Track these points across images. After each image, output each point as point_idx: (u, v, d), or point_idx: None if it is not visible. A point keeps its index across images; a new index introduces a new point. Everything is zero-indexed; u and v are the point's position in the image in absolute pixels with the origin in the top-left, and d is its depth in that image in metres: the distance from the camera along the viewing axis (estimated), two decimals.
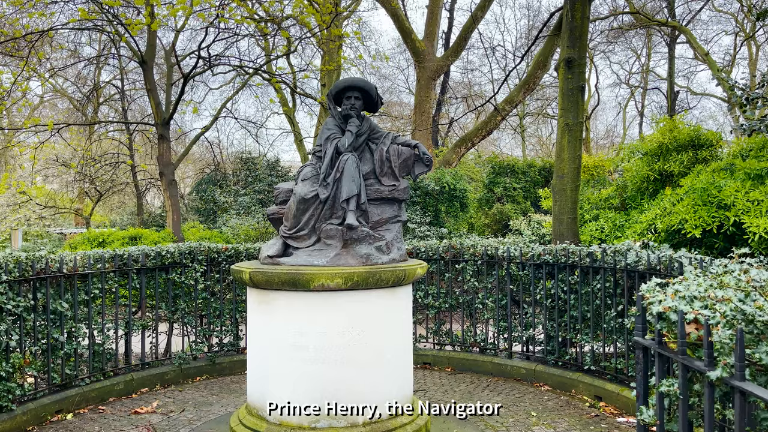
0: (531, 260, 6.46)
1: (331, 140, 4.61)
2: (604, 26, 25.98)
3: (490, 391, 5.99)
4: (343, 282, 4.05)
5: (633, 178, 7.93)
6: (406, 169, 4.85)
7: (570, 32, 6.89)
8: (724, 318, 1.88)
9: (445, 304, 7.01)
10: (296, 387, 4.09)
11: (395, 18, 15.03)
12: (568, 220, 7.00)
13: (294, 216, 4.46)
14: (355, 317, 4.15)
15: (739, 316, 1.88)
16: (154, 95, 13.65)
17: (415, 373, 6.62)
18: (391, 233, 4.70)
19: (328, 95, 4.86)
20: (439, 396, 5.78)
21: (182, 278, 6.51)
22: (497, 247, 6.82)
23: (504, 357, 6.68)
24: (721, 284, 2.18)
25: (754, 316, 1.86)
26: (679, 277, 2.58)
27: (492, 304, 6.78)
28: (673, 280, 2.33)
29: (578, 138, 6.97)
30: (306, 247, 4.45)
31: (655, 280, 2.42)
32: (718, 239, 5.74)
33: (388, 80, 28.53)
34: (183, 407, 5.49)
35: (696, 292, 2.16)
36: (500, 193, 15.56)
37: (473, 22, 15.06)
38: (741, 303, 1.88)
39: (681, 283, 2.26)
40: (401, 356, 4.45)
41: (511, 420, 5.09)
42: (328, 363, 4.08)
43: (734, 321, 1.88)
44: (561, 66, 6.98)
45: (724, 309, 1.87)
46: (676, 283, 2.28)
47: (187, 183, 30.24)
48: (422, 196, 12.62)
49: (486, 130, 15.43)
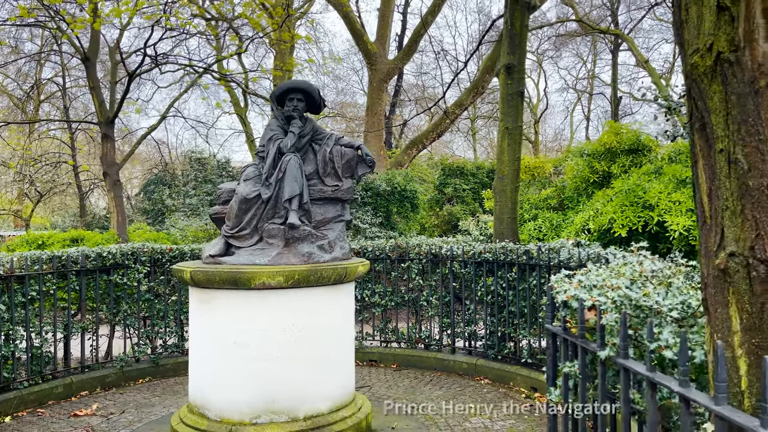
0: (472, 258, 6.70)
1: (274, 141, 4.69)
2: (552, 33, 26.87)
3: (432, 385, 6.18)
4: (284, 280, 4.14)
5: (572, 180, 8.30)
6: (349, 170, 4.98)
7: (510, 39, 7.17)
8: (613, 303, 2.08)
9: (391, 302, 7.17)
10: (237, 384, 4.15)
11: (347, 20, 15.15)
12: (508, 219, 7.28)
13: (236, 215, 4.52)
14: (297, 315, 4.24)
15: (626, 301, 2.09)
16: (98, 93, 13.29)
17: (361, 370, 6.75)
18: (334, 232, 4.82)
19: (271, 97, 4.93)
20: (383, 391, 5.93)
21: (124, 280, 6.43)
22: (441, 246, 7.03)
23: (447, 353, 6.90)
24: (618, 274, 2.40)
25: (638, 300, 2.07)
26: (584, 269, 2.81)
27: (436, 302, 6.98)
28: (579, 272, 2.55)
29: (518, 141, 7.26)
30: (248, 247, 4.51)
31: (564, 272, 2.63)
32: (643, 237, 6.10)
33: (343, 81, 28.61)
34: (124, 409, 5.44)
35: (596, 281, 2.37)
36: (450, 194, 15.88)
37: (423, 26, 15.33)
38: (627, 290, 2.09)
39: (585, 274, 2.47)
40: (343, 353, 4.56)
41: (450, 412, 5.28)
42: (269, 360, 4.16)
43: (622, 306, 2.09)
44: (501, 72, 7.26)
45: (613, 295, 2.07)
46: (580, 274, 2.49)
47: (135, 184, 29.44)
48: (373, 197, 12.77)
49: (436, 133, 15.73)
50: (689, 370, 1.89)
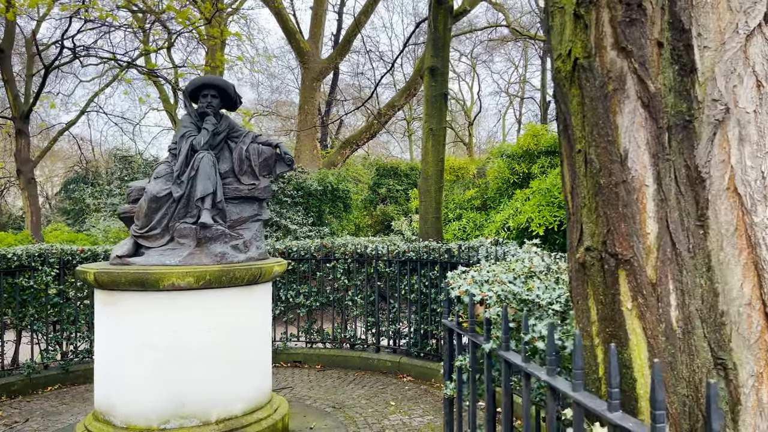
0: (397, 257, 6.77)
1: (187, 138, 4.57)
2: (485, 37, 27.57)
3: (355, 384, 6.20)
4: (194, 281, 4.03)
5: (494, 181, 8.56)
6: (267, 168, 4.91)
7: (434, 42, 7.30)
8: (497, 297, 2.15)
9: (316, 302, 7.14)
10: (146, 388, 4.01)
11: (279, 17, 14.96)
12: (432, 219, 7.41)
13: (145, 215, 4.36)
14: (209, 316, 4.14)
15: (510, 295, 2.16)
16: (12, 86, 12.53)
17: (285, 371, 6.69)
18: (251, 232, 4.74)
19: (183, 93, 4.80)
20: (305, 392, 5.89)
21: (31, 282, 6.07)
22: (366, 246, 7.06)
23: (372, 351, 6.94)
24: (509, 270, 2.49)
25: (521, 294, 2.15)
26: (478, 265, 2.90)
27: (361, 301, 7.00)
28: (473, 268, 2.62)
29: (441, 142, 7.39)
30: (158, 247, 4.36)
31: (461, 268, 2.70)
32: (558, 236, 6.35)
33: (278, 79, 28.25)
34: (28, 417, 5.15)
35: (487, 276, 2.45)
36: (384, 195, 16.00)
37: (357, 26, 15.36)
38: (511, 284, 2.17)
39: (478, 270, 2.55)
40: (259, 354, 4.50)
41: (370, 410, 5.31)
42: (179, 362, 4.04)
43: (506, 300, 2.17)
44: (425, 74, 7.37)
45: (497, 289, 2.15)
46: (474, 270, 2.56)
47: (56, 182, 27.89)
48: (305, 197, 12.67)
49: (370, 133, 15.79)
50: (561, 360, 1.98)
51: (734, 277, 1.45)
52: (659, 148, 1.49)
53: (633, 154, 1.51)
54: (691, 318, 1.49)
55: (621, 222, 1.55)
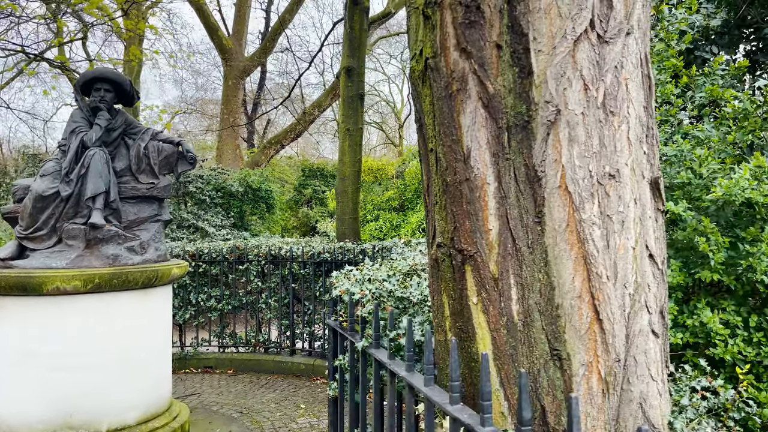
0: (312, 259, 6.71)
1: (77, 134, 4.32)
2: None
3: (266, 388, 6.09)
4: (82, 285, 3.82)
5: (411, 182, 8.67)
6: (167, 166, 4.74)
7: (350, 42, 7.30)
8: (372, 295, 2.16)
9: (228, 305, 6.96)
10: (30, 398, 3.76)
11: (200, 13, 14.53)
12: (349, 220, 7.41)
13: (30, 215, 4.09)
14: (100, 322, 3.94)
15: (385, 293, 2.18)
16: None
17: (194, 378, 6.47)
18: (149, 233, 4.55)
19: (75, 86, 4.55)
20: (213, 398, 5.72)
21: None
22: (281, 247, 6.95)
23: (286, 354, 6.84)
24: (392, 268, 2.52)
25: (395, 292, 2.17)
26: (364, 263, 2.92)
27: (275, 304, 6.89)
28: (359, 267, 2.63)
29: (358, 142, 7.41)
30: (45, 249, 4.11)
31: (348, 267, 2.70)
32: None
33: (203, 76, 27.39)
34: None
35: (369, 275, 2.45)
36: (310, 196, 15.86)
37: (281, 24, 15.16)
38: (386, 282, 2.19)
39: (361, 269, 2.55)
40: (156, 360, 4.32)
41: (279, 414, 5.23)
42: (67, 370, 3.82)
43: (381, 298, 2.18)
44: (342, 74, 7.37)
45: (371, 287, 2.16)
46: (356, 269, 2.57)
47: None
48: (225, 197, 12.34)
49: (295, 133, 15.62)
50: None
51: (567, 271, 1.51)
52: (499, 147, 1.54)
53: (475, 153, 1.55)
54: (530, 311, 1.55)
55: (465, 219, 1.59)
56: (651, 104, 1.57)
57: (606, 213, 1.50)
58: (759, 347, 3.08)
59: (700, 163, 3.43)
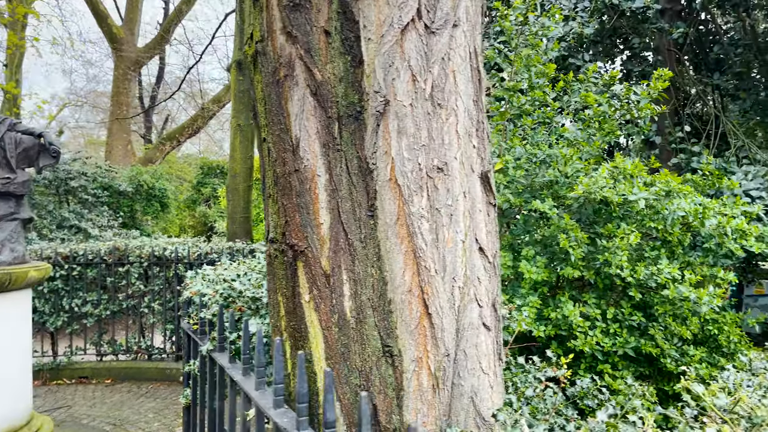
0: (199, 259, 6.40)
1: None
2: None
3: (147, 397, 5.72)
4: None
5: None
6: (27, 160, 4.31)
7: (241, 35, 7.05)
8: (219, 296, 2.04)
9: (107, 311, 6.48)
10: None
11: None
12: (240, 219, 7.15)
13: None
14: None
15: (234, 293, 2.06)
16: None
17: (67, 389, 5.97)
18: (4, 232, 4.11)
19: None
20: (85, 410, 5.29)
21: None
22: (165, 248, 6.58)
23: (171, 361, 6.48)
24: (250, 268, 2.40)
25: (245, 293, 2.06)
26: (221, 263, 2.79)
27: (159, 308, 6.51)
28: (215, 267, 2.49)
29: (250, 139, 7.17)
30: None
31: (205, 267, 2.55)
32: None
33: (95, 67, 25.63)
34: None
35: (225, 275, 2.32)
36: (208, 195, 15.25)
37: (177, 16, 14.45)
38: (234, 281, 2.08)
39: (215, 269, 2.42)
40: (11, 371, 3.91)
41: (156, 425, 4.93)
42: None
43: (229, 298, 2.06)
44: (233, 67, 7.10)
45: (218, 288, 2.04)
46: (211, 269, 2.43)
47: None
48: (113, 196, 11.55)
49: (193, 128, 14.96)
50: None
51: (398, 265, 1.48)
52: (330, 137, 1.48)
53: (304, 143, 1.48)
54: (363, 307, 1.50)
55: (296, 212, 1.51)
56: (481, 98, 1.58)
57: (435, 206, 1.48)
58: (615, 338, 3.28)
59: (565, 162, 3.60)
